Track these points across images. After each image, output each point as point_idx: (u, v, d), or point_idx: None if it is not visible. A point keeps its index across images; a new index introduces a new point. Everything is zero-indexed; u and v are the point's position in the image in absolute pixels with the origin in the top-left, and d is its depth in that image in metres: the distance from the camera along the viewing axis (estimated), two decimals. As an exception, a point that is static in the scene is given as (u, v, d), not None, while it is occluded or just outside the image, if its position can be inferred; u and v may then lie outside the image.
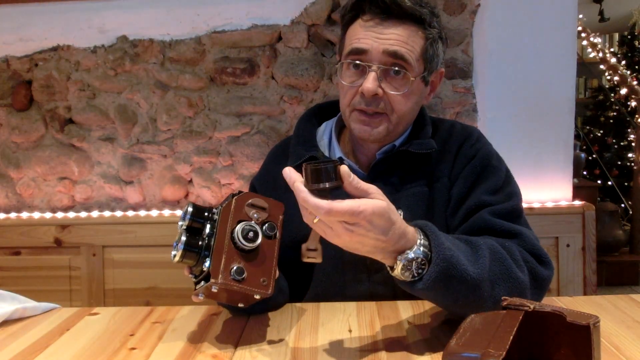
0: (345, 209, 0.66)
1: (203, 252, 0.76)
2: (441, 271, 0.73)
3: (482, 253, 0.79)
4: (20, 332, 0.88)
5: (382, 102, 0.96)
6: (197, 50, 1.63)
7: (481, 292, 0.77)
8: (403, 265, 0.73)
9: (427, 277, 0.73)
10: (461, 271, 0.74)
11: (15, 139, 1.71)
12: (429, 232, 0.76)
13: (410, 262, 0.73)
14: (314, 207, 0.67)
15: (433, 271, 0.72)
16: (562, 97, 1.59)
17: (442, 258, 0.73)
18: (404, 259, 0.72)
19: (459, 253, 0.76)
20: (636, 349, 0.73)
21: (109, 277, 1.58)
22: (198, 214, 0.80)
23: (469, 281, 0.75)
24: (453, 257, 0.74)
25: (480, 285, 0.76)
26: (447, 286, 0.74)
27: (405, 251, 0.73)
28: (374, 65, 0.94)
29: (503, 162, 1.04)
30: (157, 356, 0.77)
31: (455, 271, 0.74)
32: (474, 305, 0.77)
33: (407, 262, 0.73)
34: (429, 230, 0.76)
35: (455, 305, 0.78)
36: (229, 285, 0.73)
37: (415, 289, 0.74)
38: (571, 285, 1.53)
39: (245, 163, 1.67)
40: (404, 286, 0.76)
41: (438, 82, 1.06)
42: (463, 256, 0.76)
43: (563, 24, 1.57)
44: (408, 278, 0.73)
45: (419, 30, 0.95)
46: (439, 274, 0.72)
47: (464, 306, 0.77)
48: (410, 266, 0.73)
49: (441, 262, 0.73)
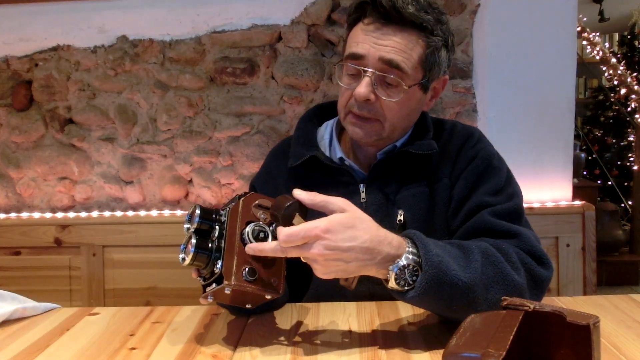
0: (298, 229, 0.71)
1: (214, 255, 0.76)
2: (431, 279, 0.73)
3: (474, 257, 0.79)
4: (20, 332, 0.88)
5: (374, 108, 0.96)
6: (197, 50, 1.63)
7: (474, 297, 0.77)
8: (396, 274, 0.74)
9: (417, 285, 0.73)
10: (451, 276, 0.74)
11: (15, 139, 1.71)
12: (417, 240, 0.77)
13: (402, 270, 0.74)
14: (279, 239, 0.71)
15: (423, 279, 0.73)
16: (562, 97, 1.59)
17: (430, 265, 0.74)
18: (395, 267, 0.74)
19: (448, 258, 0.76)
20: (636, 349, 0.73)
21: (109, 277, 1.59)
22: (206, 216, 0.79)
23: (460, 286, 0.75)
24: (442, 263, 0.75)
25: (473, 289, 0.76)
26: (439, 293, 0.74)
27: (396, 260, 0.74)
28: (369, 70, 0.93)
29: (504, 162, 1.04)
30: (157, 356, 0.77)
31: (446, 277, 0.74)
32: (468, 310, 0.76)
33: (399, 271, 0.74)
34: (417, 239, 0.77)
35: (449, 310, 0.78)
36: (242, 286, 0.73)
37: (408, 298, 0.75)
38: (571, 285, 1.53)
39: (245, 163, 1.67)
40: (398, 297, 0.77)
41: (441, 89, 1.06)
42: (453, 261, 0.77)
43: (563, 24, 1.57)
44: (404, 287, 0.74)
45: (420, 38, 0.94)
46: (429, 281, 0.73)
47: (458, 311, 0.77)
48: (403, 274, 0.74)
49: (430, 269, 0.73)
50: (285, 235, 0.71)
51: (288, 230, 0.71)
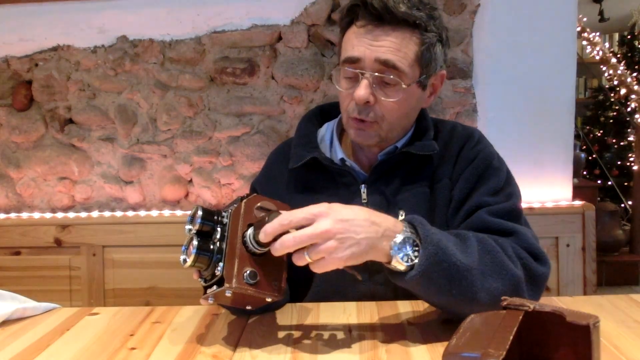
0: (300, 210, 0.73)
1: (215, 256, 0.76)
2: (431, 255, 0.74)
3: (470, 243, 0.81)
4: (20, 332, 0.88)
5: (372, 112, 0.96)
6: (197, 50, 1.63)
7: (473, 281, 0.77)
8: (397, 247, 0.74)
9: (418, 262, 0.74)
10: (450, 255, 0.76)
11: (15, 139, 1.71)
12: (414, 221, 0.78)
13: (403, 243, 0.75)
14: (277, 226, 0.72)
15: (423, 255, 0.74)
16: (562, 97, 1.59)
17: (430, 242, 0.75)
18: (397, 240, 0.75)
19: (447, 241, 0.77)
20: (636, 349, 0.74)
21: (109, 277, 1.59)
22: (208, 218, 0.79)
23: (460, 267, 0.76)
24: (441, 242, 0.76)
25: (472, 272, 0.77)
26: (439, 272, 0.75)
27: (395, 234, 0.75)
28: (366, 72, 0.94)
29: (504, 163, 1.04)
30: (157, 356, 0.77)
31: (445, 256, 0.75)
32: (468, 296, 0.77)
33: (400, 244, 0.74)
34: (414, 220, 0.79)
35: (449, 295, 0.77)
36: (242, 289, 0.73)
37: (408, 277, 0.75)
38: (571, 285, 1.53)
39: (245, 163, 1.67)
40: (398, 280, 0.77)
41: (439, 85, 1.06)
42: (452, 244, 0.78)
43: (563, 24, 1.57)
44: (406, 263, 0.75)
45: (414, 35, 0.94)
46: (429, 257, 0.74)
47: (458, 298, 0.77)
48: (404, 248, 0.75)
49: (430, 245, 0.75)
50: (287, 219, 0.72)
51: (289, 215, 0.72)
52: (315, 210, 0.73)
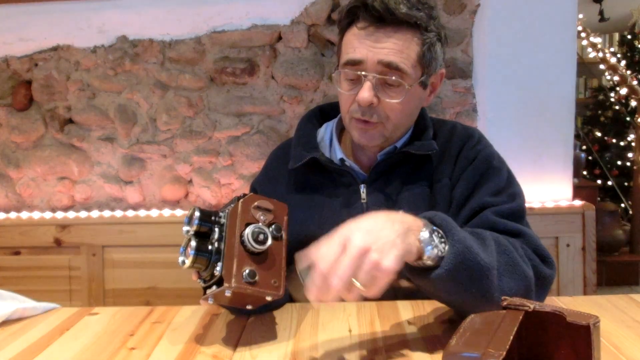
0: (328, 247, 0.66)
1: (214, 257, 0.76)
2: (459, 253, 0.72)
3: (488, 243, 0.79)
4: (20, 332, 0.88)
5: (375, 114, 0.96)
6: (197, 50, 1.63)
7: (491, 281, 0.75)
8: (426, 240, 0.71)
9: (445, 262, 0.71)
10: (475, 255, 0.73)
11: (15, 139, 1.71)
12: (437, 218, 0.75)
13: (430, 238, 0.71)
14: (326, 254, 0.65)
15: (451, 253, 0.72)
16: (562, 97, 1.59)
17: (457, 240, 0.72)
18: (426, 232, 0.71)
19: (470, 240, 0.75)
20: (636, 349, 0.73)
21: (109, 277, 1.58)
22: (205, 218, 0.79)
23: (482, 266, 0.74)
24: (467, 240, 0.74)
25: (492, 272, 0.75)
26: (464, 271, 0.73)
27: (420, 229, 0.72)
28: (369, 74, 0.93)
29: (504, 162, 1.04)
30: (157, 356, 0.77)
31: (470, 254, 0.73)
32: (483, 296, 0.75)
33: (429, 239, 0.71)
34: (437, 218, 0.76)
35: (466, 294, 0.75)
36: (242, 288, 0.73)
37: (435, 276, 0.72)
38: (571, 285, 1.53)
39: (245, 163, 1.67)
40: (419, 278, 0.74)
41: (439, 83, 1.06)
42: (475, 243, 0.76)
43: (563, 24, 1.57)
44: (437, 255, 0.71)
45: (415, 36, 0.94)
46: (457, 255, 0.71)
47: (476, 297, 0.75)
48: (433, 240, 0.71)
49: (457, 243, 0.72)
50: (325, 268, 0.64)
51: (323, 263, 0.64)
52: (337, 239, 0.67)
